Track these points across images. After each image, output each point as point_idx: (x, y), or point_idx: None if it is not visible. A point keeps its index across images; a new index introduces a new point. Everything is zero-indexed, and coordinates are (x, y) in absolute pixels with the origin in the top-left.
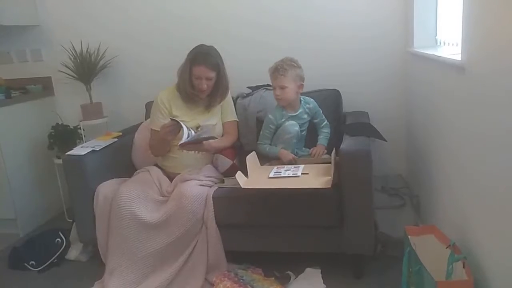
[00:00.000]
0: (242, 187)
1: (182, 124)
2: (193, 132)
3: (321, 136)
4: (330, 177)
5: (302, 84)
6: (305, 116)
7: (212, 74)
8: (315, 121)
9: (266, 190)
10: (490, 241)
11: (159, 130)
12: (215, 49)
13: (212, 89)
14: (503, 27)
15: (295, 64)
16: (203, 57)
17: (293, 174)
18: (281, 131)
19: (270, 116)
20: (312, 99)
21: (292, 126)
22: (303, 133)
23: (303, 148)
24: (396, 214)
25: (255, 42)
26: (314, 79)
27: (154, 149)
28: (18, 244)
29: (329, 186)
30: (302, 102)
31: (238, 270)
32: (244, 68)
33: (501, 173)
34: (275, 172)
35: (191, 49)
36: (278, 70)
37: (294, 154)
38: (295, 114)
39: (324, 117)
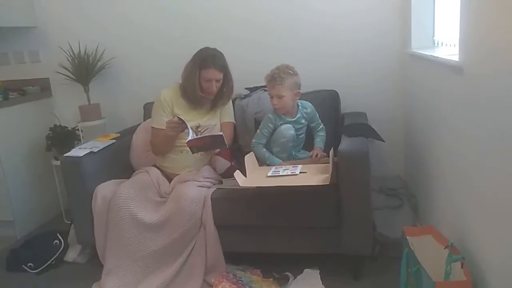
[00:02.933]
0: (241, 185)
1: (188, 125)
2: (194, 135)
3: (318, 139)
4: (328, 175)
5: (299, 92)
6: (303, 121)
7: (221, 76)
8: (312, 125)
9: (264, 190)
10: (489, 241)
11: (160, 128)
12: (219, 50)
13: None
14: (500, 27)
15: (291, 72)
16: (212, 60)
17: (291, 173)
18: (277, 135)
19: (270, 115)
20: (309, 104)
21: (288, 130)
22: (301, 136)
23: (302, 151)
24: (394, 215)
25: (253, 44)
26: (312, 80)
27: (156, 147)
28: (16, 246)
29: (328, 183)
30: (300, 107)
31: (236, 271)
32: (242, 69)
33: (499, 174)
34: (273, 171)
35: (188, 49)
36: (275, 79)
37: (293, 157)
38: (293, 119)
39: (320, 120)
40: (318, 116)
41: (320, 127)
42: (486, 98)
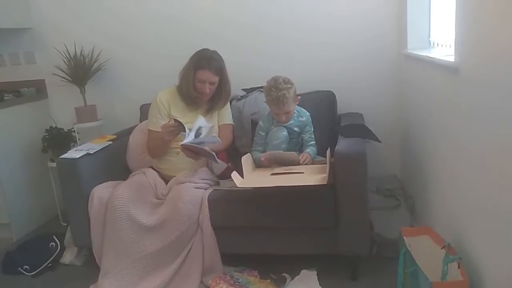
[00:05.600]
0: (238, 186)
1: (185, 126)
2: (193, 136)
3: (308, 150)
4: (325, 175)
5: (298, 98)
6: (296, 129)
7: (216, 79)
8: (303, 135)
9: (261, 190)
10: (485, 241)
11: (157, 131)
12: (218, 53)
13: (214, 93)
14: (496, 28)
15: (289, 85)
16: (207, 62)
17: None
18: (270, 137)
19: (260, 123)
20: (308, 113)
21: (280, 131)
22: (293, 140)
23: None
24: (391, 215)
25: (249, 45)
26: (309, 81)
27: (152, 150)
28: (12, 249)
29: (325, 183)
30: (296, 114)
31: (234, 273)
32: (239, 70)
33: (494, 174)
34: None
35: (184, 51)
36: (281, 101)
37: None
38: (285, 125)
39: (313, 136)
40: (312, 131)
41: (311, 142)
42: (482, 98)
